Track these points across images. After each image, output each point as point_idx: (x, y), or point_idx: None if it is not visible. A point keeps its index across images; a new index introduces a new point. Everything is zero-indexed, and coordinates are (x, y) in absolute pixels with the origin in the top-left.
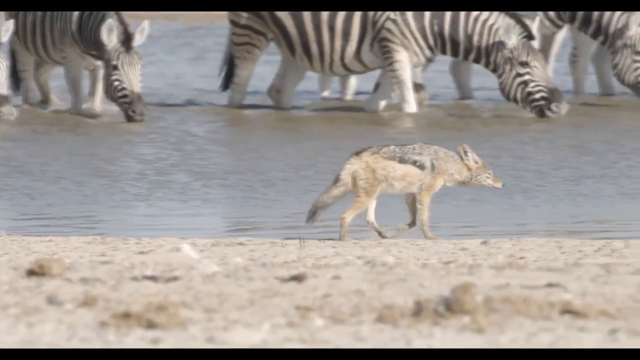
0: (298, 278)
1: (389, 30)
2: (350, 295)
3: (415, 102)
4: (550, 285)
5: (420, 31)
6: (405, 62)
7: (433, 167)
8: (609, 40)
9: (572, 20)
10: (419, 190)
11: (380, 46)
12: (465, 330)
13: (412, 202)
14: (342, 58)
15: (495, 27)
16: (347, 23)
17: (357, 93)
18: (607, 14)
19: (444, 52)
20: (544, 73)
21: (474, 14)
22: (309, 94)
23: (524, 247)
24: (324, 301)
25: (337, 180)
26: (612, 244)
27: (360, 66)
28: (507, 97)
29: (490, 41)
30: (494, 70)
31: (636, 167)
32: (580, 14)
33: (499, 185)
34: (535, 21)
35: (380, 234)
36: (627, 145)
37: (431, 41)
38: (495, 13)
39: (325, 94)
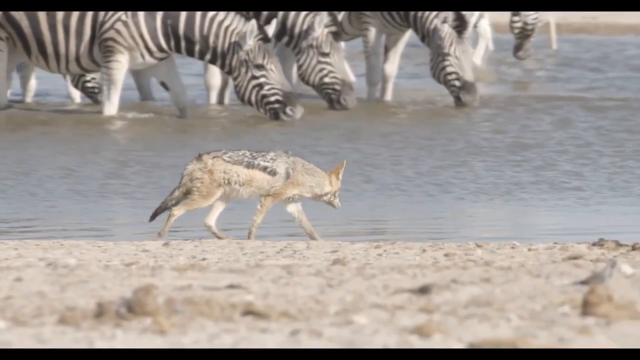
0: None
1: (117, 32)
2: (32, 297)
3: (116, 106)
4: (232, 286)
5: (151, 32)
6: (123, 64)
7: (288, 175)
8: (294, 41)
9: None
10: (265, 194)
11: (104, 45)
12: (147, 332)
13: (299, 216)
14: (77, 58)
15: (231, 28)
16: (80, 23)
17: (37, 95)
18: (292, 14)
19: (179, 51)
20: (279, 76)
21: (210, 14)
22: None
23: (205, 248)
24: (5, 303)
25: (180, 181)
26: (294, 245)
27: (94, 66)
28: (242, 100)
29: (227, 43)
30: (230, 72)
31: None
32: (264, 14)
33: (340, 205)
34: (272, 23)
35: (216, 236)
36: (304, 147)
37: (163, 42)
38: (232, 14)
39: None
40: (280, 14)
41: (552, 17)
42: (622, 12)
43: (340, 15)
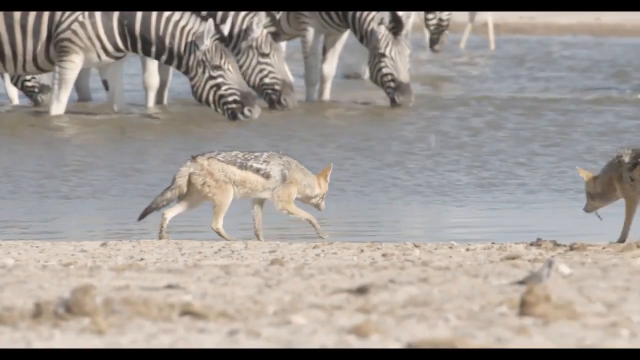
0: None
1: (74, 32)
2: None
3: (64, 106)
4: (170, 286)
5: (108, 32)
6: (77, 64)
7: (284, 177)
8: (233, 41)
9: None
10: (278, 206)
11: (60, 45)
12: (85, 332)
13: (257, 211)
14: (34, 58)
15: (187, 29)
16: (37, 23)
17: None
18: (232, 14)
19: (135, 51)
20: (237, 77)
21: (166, 15)
22: None
23: (143, 248)
24: None
25: (172, 182)
26: (232, 246)
27: (51, 66)
28: (200, 100)
29: (183, 43)
30: (187, 72)
31: None
32: (203, 15)
33: (324, 208)
34: (227, 23)
35: (161, 232)
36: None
37: (120, 42)
38: (188, 14)
39: None
40: (219, 14)
41: (490, 17)
42: (560, 12)
43: (279, 15)
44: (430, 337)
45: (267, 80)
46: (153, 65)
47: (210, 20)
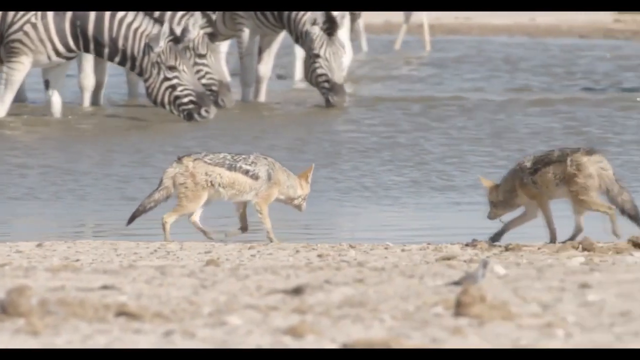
0: None
1: (25, 34)
2: None
3: (7, 108)
4: (105, 287)
5: (60, 34)
6: (26, 65)
7: (270, 177)
8: None
9: None
10: (254, 200)
11: (10, 46)
12: (20, 333)
13: (242, 210)
14: None
15: (140, 30)
16: None
17: None
18: (168, 15)
19: (87, 52)
20: (192, 77)
21: (119, 16)
22: None
23: (79, 249)
24: None
25: (159, 184)
26: (168, 246)
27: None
28: (155, 102)
29: (136, 45)
30: (140, 74)
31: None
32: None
33: (305, 209)
34: (181, 24)
35: (205, 234)
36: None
37: (72, 43)
38: (141, 16)
39: None
40: (155, 15)
41: (425, 18)
42: (495, 12)
43: (215, 16)
44: (365, 337)
45: (204, 81)
46: (89, 66)
47: (167, 23)
